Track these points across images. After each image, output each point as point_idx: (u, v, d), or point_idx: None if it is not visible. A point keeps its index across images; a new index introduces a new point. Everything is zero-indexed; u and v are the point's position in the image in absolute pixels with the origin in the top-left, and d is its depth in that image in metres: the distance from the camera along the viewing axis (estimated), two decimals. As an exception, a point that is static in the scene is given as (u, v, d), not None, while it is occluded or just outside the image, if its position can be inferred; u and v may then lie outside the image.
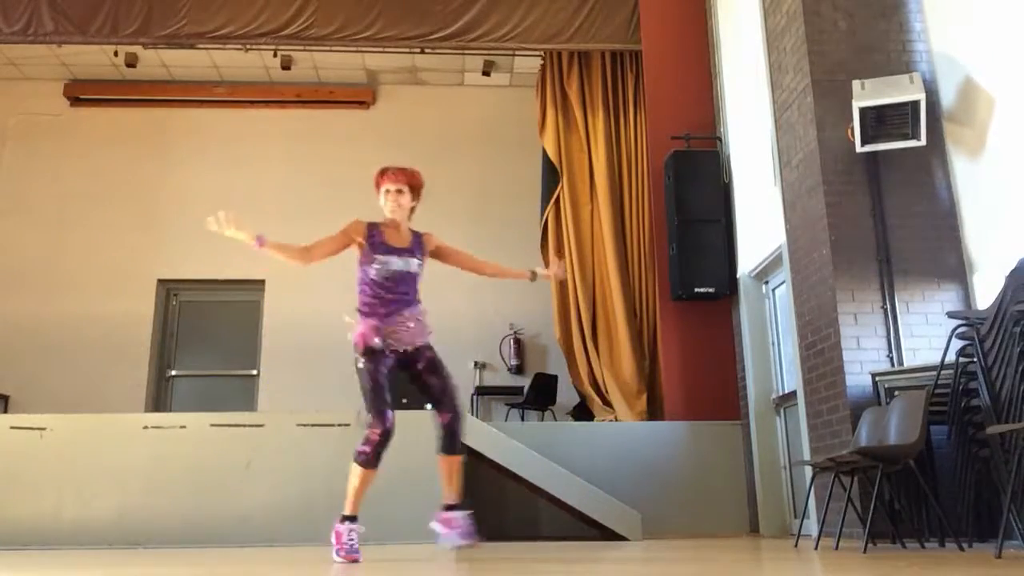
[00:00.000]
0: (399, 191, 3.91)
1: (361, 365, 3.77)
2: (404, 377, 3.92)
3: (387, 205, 3.92)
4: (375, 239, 3.87)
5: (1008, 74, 4.53)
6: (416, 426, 5.99)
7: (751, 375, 6.57)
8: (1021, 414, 3.63)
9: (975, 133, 4.83)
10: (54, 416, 5.84)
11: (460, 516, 3.82)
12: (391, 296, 3.81)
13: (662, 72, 7.65)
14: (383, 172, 3.96)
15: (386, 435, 3.70)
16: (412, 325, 3.83)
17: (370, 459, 3.69)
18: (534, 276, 4.23)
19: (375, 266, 3.81)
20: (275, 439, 5.80)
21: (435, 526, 3.82)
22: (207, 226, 3.72)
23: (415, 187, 3.97)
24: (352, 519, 3.69)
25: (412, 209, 4.01)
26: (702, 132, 7.35)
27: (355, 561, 3.54)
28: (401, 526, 5.12)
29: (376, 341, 3.74)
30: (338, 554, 3.59)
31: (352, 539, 3.61)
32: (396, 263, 3.84)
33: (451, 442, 3.86)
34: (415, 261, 3.91)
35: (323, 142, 9.88)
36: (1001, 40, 4.60)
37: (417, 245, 3.96)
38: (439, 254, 4.08)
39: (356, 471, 3.71)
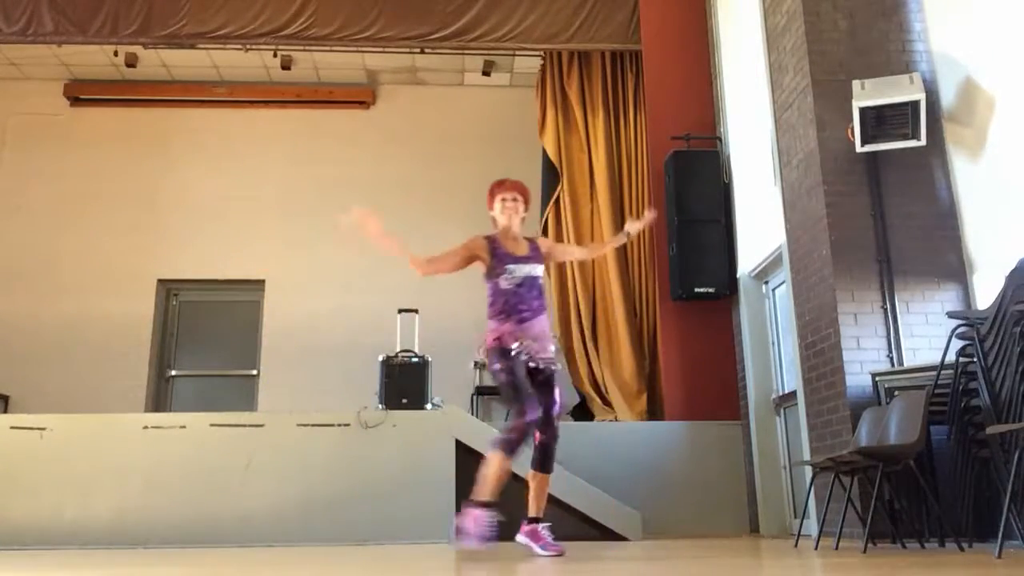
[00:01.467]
0: (515, 199, 4.08)
1: (498, 367, 3.85)
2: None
3: (503, 215, 4.08)
4: (498, 251, 3.99)
5: (1008, 74, 4.53)
6: (416, 426, 6.00)
7: (751, 375, 6.57)
8: (1021, 414, 3.63)
9: (975, 133, 4.83)
10: (54, 416, 5.84)
11: (543, 528, 3.96)
12: (523, 305, 3.92)
13: (662, 72, 7.65)
14: (501, 183, 4.15)
15: (530, 426, 3.79)
16: (542, 335, 3.94)
17: (513, 447, 3.76)
18: (629, 236, 4.44)
19: (505, 276, 3.93)
20: (275, 439, 5.80)
21: (521, 538, 3.93)
22: (343, 223, 3.88)
23: (527, 197, 4.16)
24: (489, 505, 3.80)
25: (523, 219, 4.16)
26: (702, 132, 7.35)
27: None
28: (402, 526, 5.12)
29: (513, 344, 3.83)
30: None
31: (491, 525, 3.73)
32: (523, 269, 3.96)
33: (544, 460, 3.99)
34: (540, 266, 4.05)
35: (323, 142, 9.87)
36: (1001, 40, 4.60)
37: (535, 250, 4.10)
38: (551, 255, 4.28)
39: (496, 457, 3.77)
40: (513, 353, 3.82)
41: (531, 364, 3.90)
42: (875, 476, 3.97)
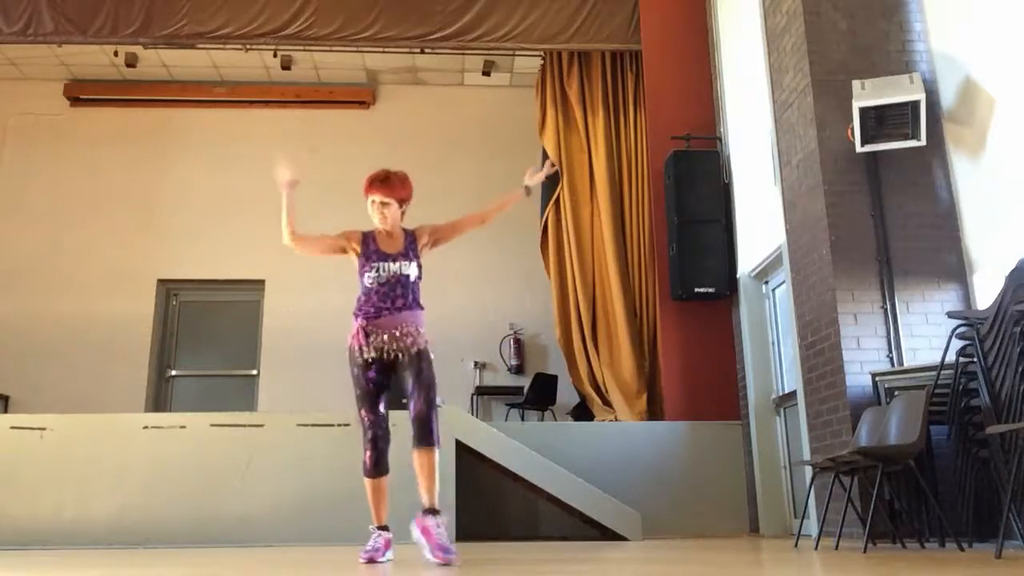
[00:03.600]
0: (384, 203, 3.81)
1: (351, 369, 3.75)
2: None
3: (374, 216, 3.85)
4: (369, 248, 3.83)
5: (1008, 74, 4.53)
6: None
7: (751, 375, 6.57)
8: (1021, 414, 3.63)
9: (975, 133, 4.83)
10: (54, 416, 5.84)
11: (434, 524, 3.46)
12: (385, 303, 3.74)
13: (662, 72, 7.65)
14: (370, 182, 3.84)
15: (373, 441, 3.68)
16: (399, 326, 3.71)
17: (368, 464, 3.71)
18: (528, 191, 4.09)
19: (370, 274, 3.76)
20: (275, 439, 5.80)
21: (414, 530, 3.56)
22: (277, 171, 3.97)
23: (402, 196, 3.86)
24: (384, 528, 3.80)
25: (403, 213, 3.92)
26: (702, 132, 7.35)
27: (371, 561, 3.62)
28: (402, 526, 5.11)
29: (361, 345, 3.69)
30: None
31: (376, 546, 3.71)
32: (391, 268, 3.78)
33: (420, 433, 3.59)
34: (411, 264, 3.81)
35: (323, 142, 9.87)
36: (1001, 40, 4.59)
37: (411, 244, 3.87)
38: (439, 239, 3.96)
39: (366, 483, 3.76)
40: (362, 359, 3.68)
41: (387, 357, 3.69)
42: (875, 476, 3.97)
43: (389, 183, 3.84)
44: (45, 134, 9.80)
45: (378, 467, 3.72)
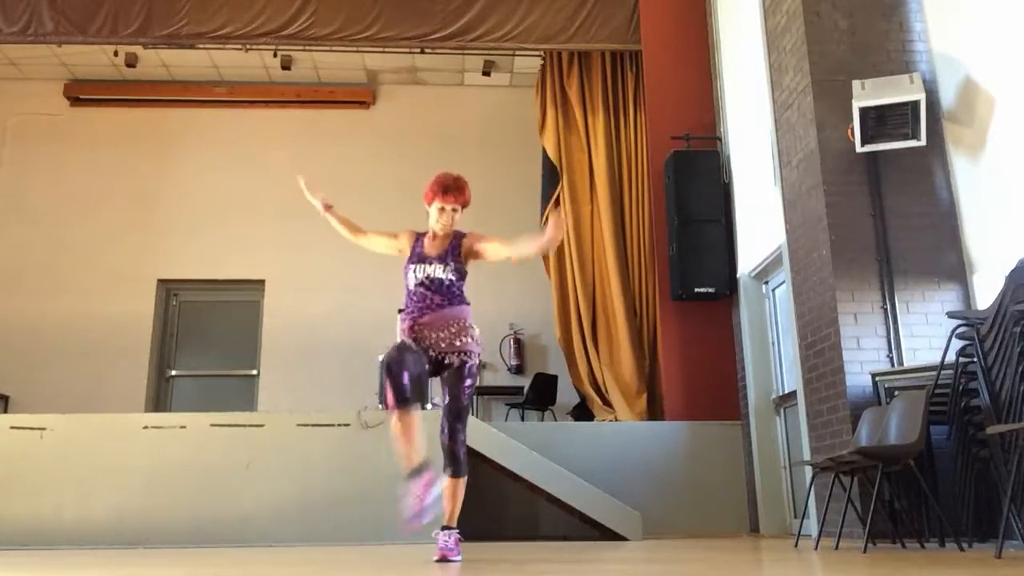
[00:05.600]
0: (455, 210, 3.90)
1: (386, 354, 3.71)
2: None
3: (439, 220, 3.90)
4: (415, 250, 3.92)
5: (1008, 74, 4.53)
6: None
7: (751, 375, 6.57)
8: (1021, 414, 3.63)
9: (975, 133, 4.82)
10: (54, 416, 5.84)
11: (444, 534, 3.69)
12: (424, 303, 3.81)
13: (662, 72, 7.65)
14: (445, 189, 3.87)
15: (387, 366, 3.58)
16: (445, 326, 3.77)
17: (389, 401, 3.60)
18: (549, 247, 4.08)
19: (408, 274, 3.87)
20: (275, 439, 5.80)
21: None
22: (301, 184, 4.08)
23: (467, 204, 3.97)
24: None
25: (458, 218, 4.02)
26: (702, 132, 7.35)
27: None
28: (402, 526, 5.10)
29: (407, 340, 3.74)
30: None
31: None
32: (425, 270, 3.85)
33: (446, 461, 3.70)
34: (446, 268, 3.85)
35: (323, 142, 9.87)
36: (1001, 40, 4.59)
37: (453, 249, 3.90)
38: (476, 254, 3.96)
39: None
40: (406, 343, 3.70)
41: (431, 353, 3.73)
42: (875, 476, 3.97)
43: (461, 190, 3.91)
44: (45, 134, 9.79)
45: (400, 393, 3.52)
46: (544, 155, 8.64)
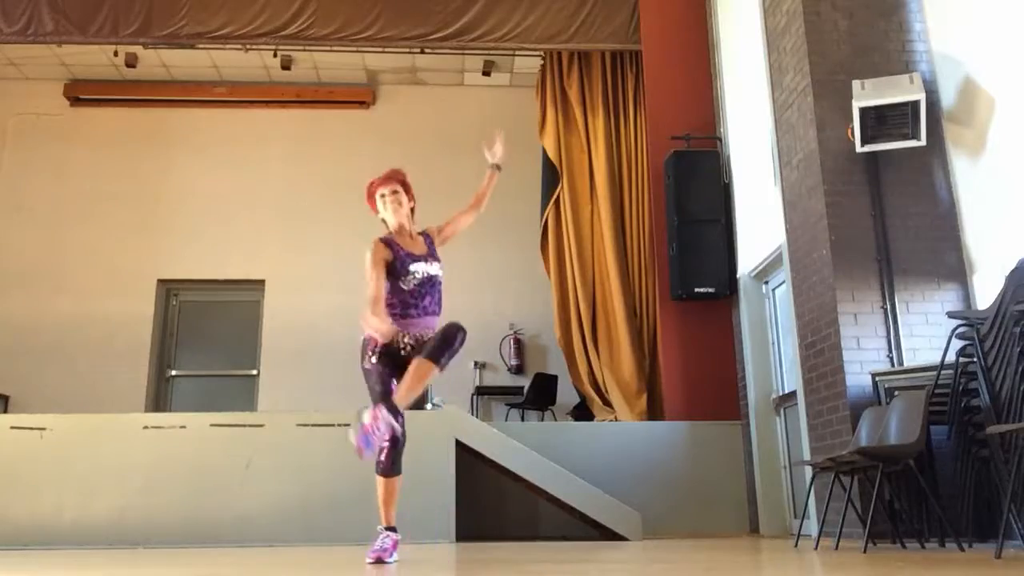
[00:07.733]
0: (394, 192, 3.89)
1: (366, 365, 3.75)
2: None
3: (388, 210, 3.90)
4: (399, 252, 3.83)
5: (1008, 74, 4.53)
6: (416, 426, 5.99)
7: (751, 375, 6.57)
8: (1021, 414, 3.63)
9: (975, 133, 4.83)
10: (54, 416, 5.84)
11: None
12: (416, 304, 3.80)
13: (662, 72, 7.65)
14: (372, 184, 3.97)
15: (393, 440, 3.63)
16: (421, 337, 3.77)
17: (383, 467, 3.69)
18: (498, 167, 4.36)
19: (406, 278, 3.78)
20: (275, 439, 5.80)
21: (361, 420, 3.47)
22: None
23: (406, 184, 3.96)
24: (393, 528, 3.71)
25: (412, 210, 4.00)
26: (702, 132, 7.35)
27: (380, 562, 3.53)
28: (402, 526, 5.09)
29: (384, 341, 3.68)
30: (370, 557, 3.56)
31: (384, 546, 3.60)
32: (425, 270, 3.84)
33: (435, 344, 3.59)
34: (437, 265, 3.91)
35: (323, 142, 9.88)
36: (1001, 40, 4.59)
37: (431, 246, 3.96)
38: (446, 238, 4.08)
39: (378, 481, 3.72)
40: (381, 350, 3.68)
41: (401, 351, 3.73)
42: (875, 476, 3.97)
43: (387, 174, 3.95)
44: (45, 134, 9.79)
45: (395, 466, 3.69)
46: (544, 155, 8.64)
